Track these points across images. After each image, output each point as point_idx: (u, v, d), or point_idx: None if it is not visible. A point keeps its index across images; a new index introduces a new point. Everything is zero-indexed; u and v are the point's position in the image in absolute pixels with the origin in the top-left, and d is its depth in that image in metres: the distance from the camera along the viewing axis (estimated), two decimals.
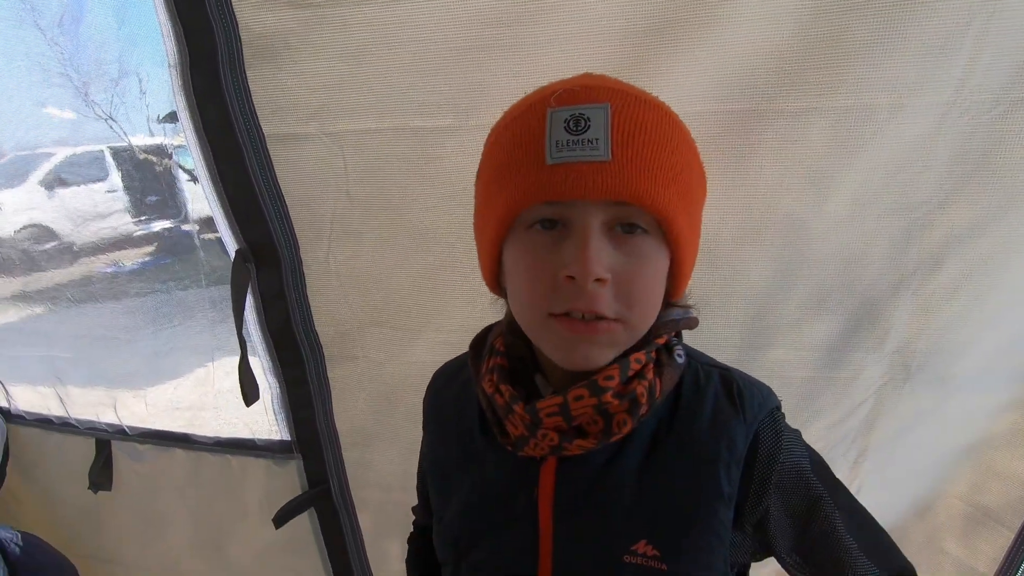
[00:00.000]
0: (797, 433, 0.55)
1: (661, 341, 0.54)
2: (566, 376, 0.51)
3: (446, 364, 0.69)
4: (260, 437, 1.24)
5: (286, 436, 1.19)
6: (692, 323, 0.57)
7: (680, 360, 0.55)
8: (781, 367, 0.96)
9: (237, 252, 1.00)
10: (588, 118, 0.44)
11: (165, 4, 0.84)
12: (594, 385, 0.49)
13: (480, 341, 0.61)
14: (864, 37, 0.78)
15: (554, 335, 0.48)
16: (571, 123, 0.44)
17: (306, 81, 0.87)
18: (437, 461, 0.64)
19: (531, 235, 0.47)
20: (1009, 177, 0.83)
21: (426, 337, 1.05)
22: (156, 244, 1.44)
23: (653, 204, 0.45)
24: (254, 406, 1.21)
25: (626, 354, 0.50)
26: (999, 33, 0.76)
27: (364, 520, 1.25)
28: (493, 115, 0.86)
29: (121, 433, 1.32)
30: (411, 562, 0.78)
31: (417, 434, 1.16)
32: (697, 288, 0.56)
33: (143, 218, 1.39)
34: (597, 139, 0.43)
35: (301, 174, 0.95)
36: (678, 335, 0.57)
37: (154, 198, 1.39)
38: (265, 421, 1.23)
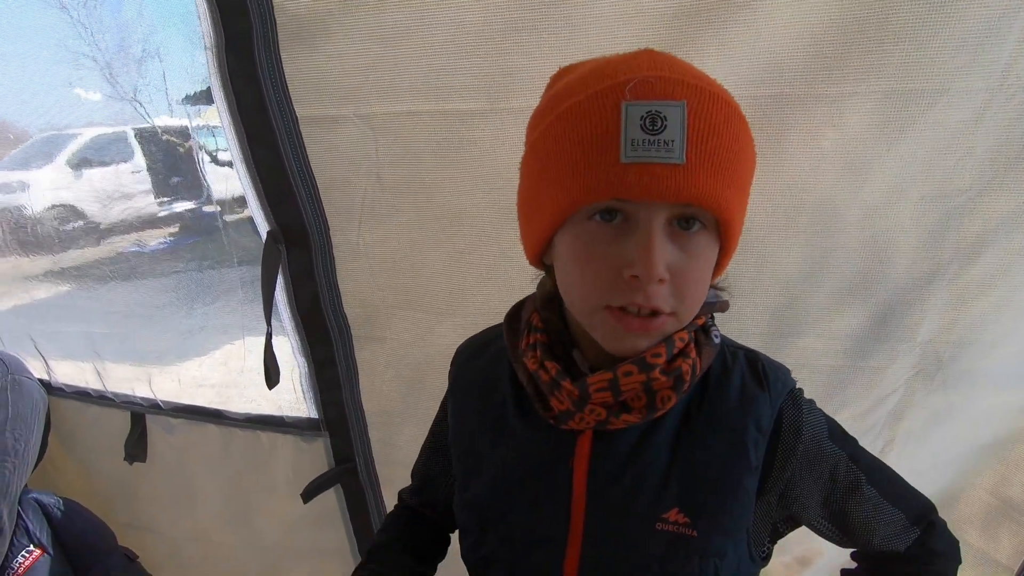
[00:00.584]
0: (813, 404, 0.58)
1: (700, 322, 0.55)
2: (603, 353, 0.52)
3: (469, 339, 0.71)
4: (288, 415, 1.27)
5: (314, 414, 1.22)
6: (724, 306, 0.58)
7: (716, 340, 0.56)
8: (810, 355, 0.95)
9: (268, 234, 1.02)
10: (665, 117, 0.43)
11: None
12: (643, 362, 0.50)
13: (514, 316, 0.62)
14: (908, 20, 0.76)
15: (607, 325, 0.49)
16: (647, 121, 0.43)
17: (340, 63, 0.87)
18: (464, 433, 0.66)
19: (591, 226, 0.47)
20: None
21: (453, 320, 1.06)
22: (179, 224, 1.47)
23: (719, 206, 0.45)
24: (283, 384, 1.24)
25: None
26: None
27: (388, 497, 1.28)
28: (527, 98, 0.85)
29: (155, 407, 1.36)
30: (393, 533, 0.76)
31: None
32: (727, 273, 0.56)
33: (166, 199, 1.42)
34: (673, 141, 0.43)
35: (333, 156, 0.96)
36: (712, 317, 0.58)
37: (177, 179, 1.41)
38: (293, 399, 1.26)
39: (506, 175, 0.92)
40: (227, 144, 0.99)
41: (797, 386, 0.58)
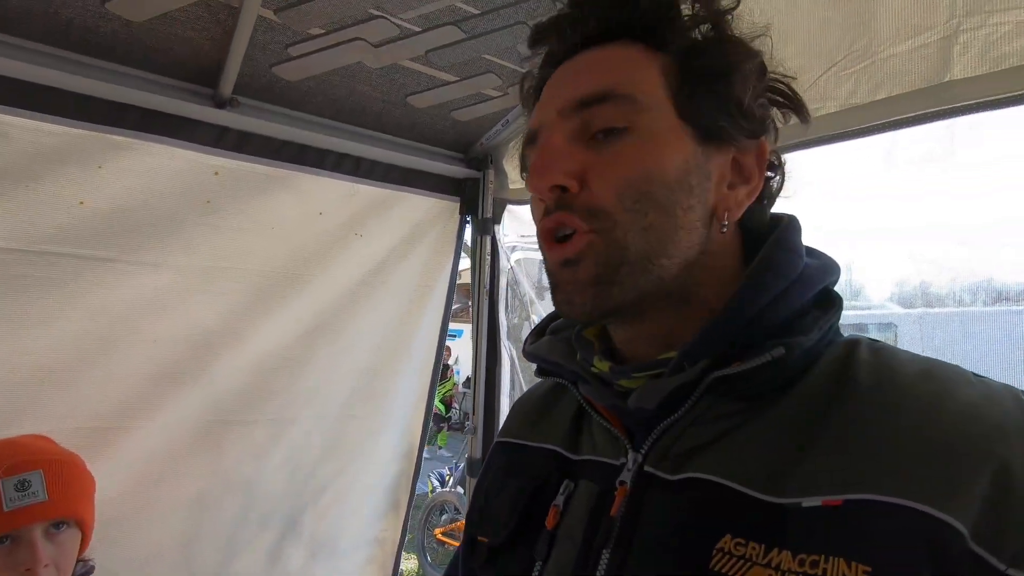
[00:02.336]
0: None
1: None
2: None
3: None
4: None
5: None
6: (92, 569, 1.06)
7: None
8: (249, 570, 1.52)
9: None
10: (31, 481, 0.92)
11: None
12: None
13: None
14: None
15: None
16: (18, 484, 0.90)
17: None
18: None
19: None
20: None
21: None
22: None
23: (74, 515, 0.96)
24: None
25: None
26: None
27: None
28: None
29: None
30: None
31: None
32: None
33: None
34: (37, 491, 0.91)
35: None
36: None
37: None
38: None
39: None
40: None
41: None
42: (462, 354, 8.06)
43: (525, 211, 1.75)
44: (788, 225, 0.52)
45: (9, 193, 1.11)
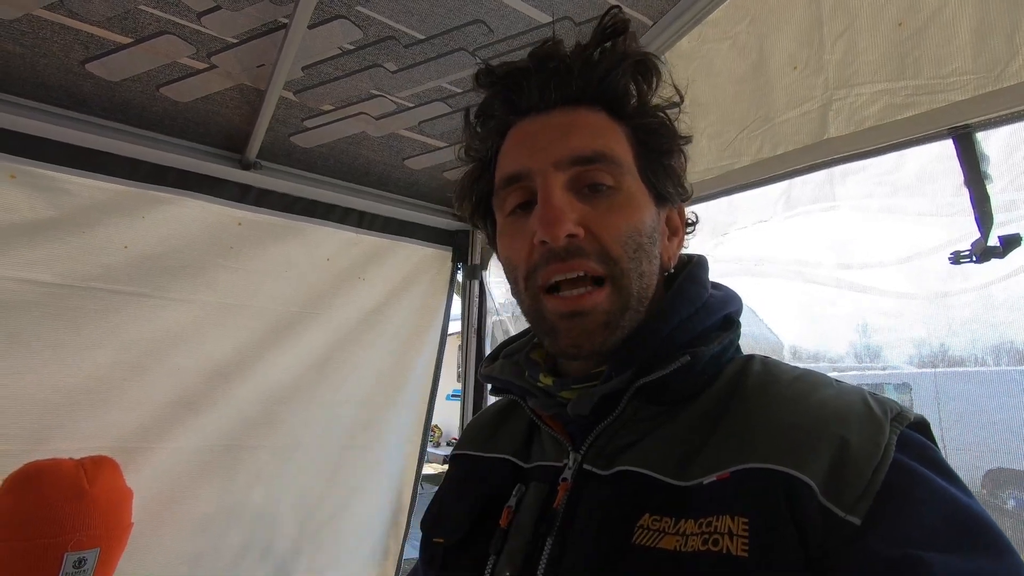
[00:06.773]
0: None
1: None
2: None
3: None
4: None
5: None
6: None
7: None
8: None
9: None
10: (86, 559, 1.10)
11: None
12: None
13: None
14: None
15: None
16: (77, 562, 1.09)
17: None
18: None
19: None
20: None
21: None
22: None
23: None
24: None
25: None
26: None
27: None
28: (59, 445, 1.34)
29: None
30: None
31: None
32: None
33: None
34: (89, 569, 1.09)
35: None
36: None
37: None
38: None
39: None
40: None
41: None
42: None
43: None
44: (696, 263, 0.64)
45: (67, 238, 1.33)
